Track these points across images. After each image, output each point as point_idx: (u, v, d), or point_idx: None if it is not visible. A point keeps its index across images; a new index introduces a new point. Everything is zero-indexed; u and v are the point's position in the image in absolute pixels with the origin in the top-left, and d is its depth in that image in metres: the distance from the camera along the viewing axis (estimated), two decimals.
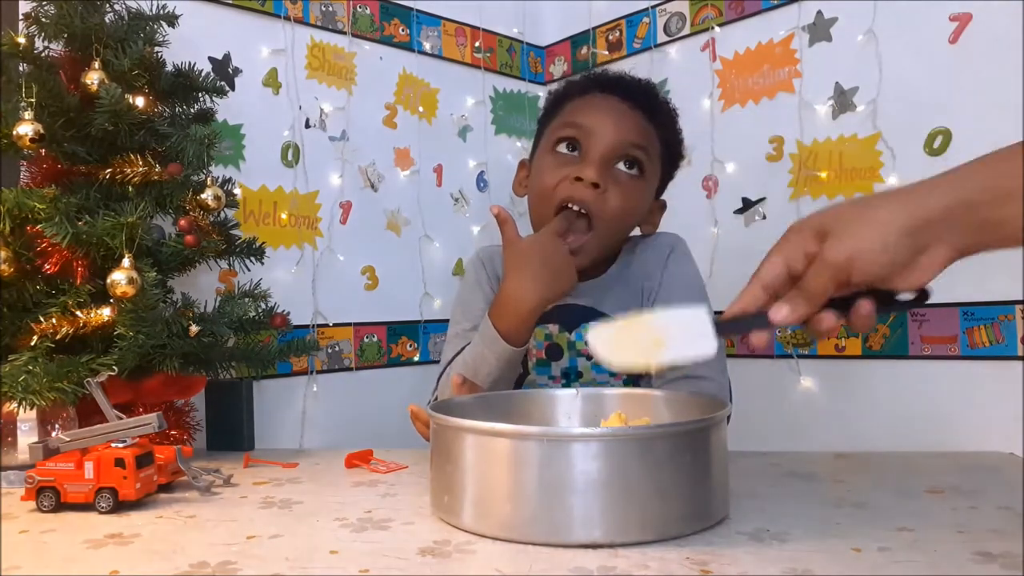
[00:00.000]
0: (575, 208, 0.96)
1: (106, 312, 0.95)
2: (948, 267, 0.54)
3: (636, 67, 1.71)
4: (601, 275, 1.05)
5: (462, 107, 1.75)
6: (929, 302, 0.58)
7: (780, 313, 0.56)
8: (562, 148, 1.00)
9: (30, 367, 0.89)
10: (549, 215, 0.98)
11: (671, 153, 1.06)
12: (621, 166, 0.98)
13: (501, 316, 0.92)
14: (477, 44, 1.78)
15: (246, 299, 1.12)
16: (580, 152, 0.99)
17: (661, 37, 1.67)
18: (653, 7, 1.68)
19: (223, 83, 1.21)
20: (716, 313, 0.63)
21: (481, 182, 1.78)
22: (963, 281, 1.24)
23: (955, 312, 1.25)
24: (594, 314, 1.02)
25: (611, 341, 0.65)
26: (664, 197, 1.13)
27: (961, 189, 0.52)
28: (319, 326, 1.48)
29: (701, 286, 1.04)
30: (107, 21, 1.06)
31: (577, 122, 1.00)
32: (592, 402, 0.85)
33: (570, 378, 1.04)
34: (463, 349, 0.98)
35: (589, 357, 1.02)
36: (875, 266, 0.53)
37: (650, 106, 1.02)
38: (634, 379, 1.01)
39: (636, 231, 1.10)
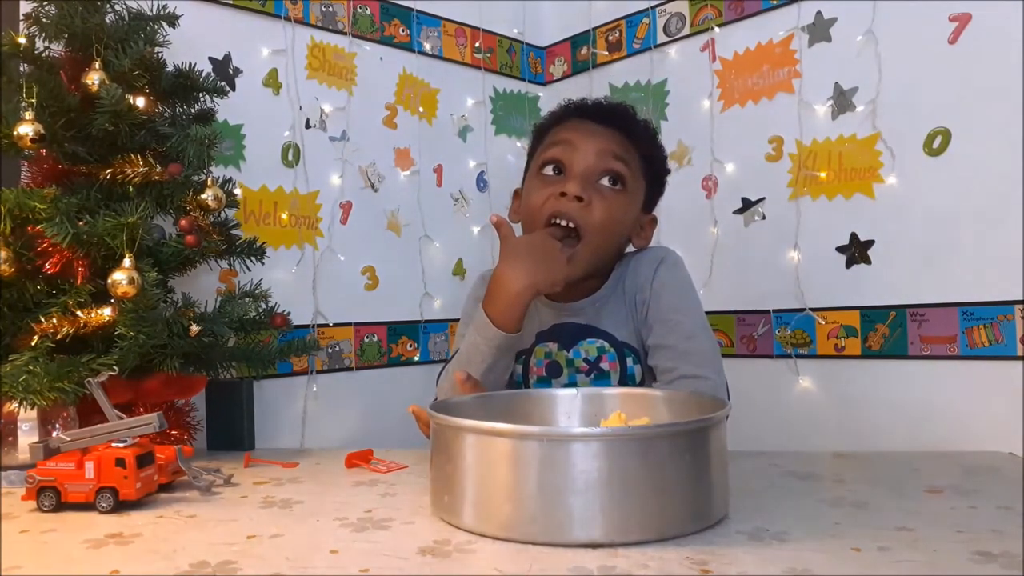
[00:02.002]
0: (562, 223, 0.99)
1: (107, 312, 0.95)
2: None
3: (636, 67, 1.72)
4: (596, 292, 1.07)
5: (462, 107, 1.75)
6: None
7: None
8: (547, 171, 1.04)
9: (31, 367, 0.89)
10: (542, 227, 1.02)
11: (653, 169, 1.08)
12: (604, 181, 1.02)
13: (491, 301, 0.95)
14: (477, 44, 1.78)
15: (246, 299, 1.13)
16: (564, 172, 1.03)
17: (661, 37, 1.67)
18: (653, 7, 1.68)
19: (223, 83, 1.21)
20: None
21: (481, 182, 1.78)
22: (962, 281, 1.24)
23: (954, 312, 1.25)
24: (592, 331, 1.05)
25: None
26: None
27: None
28: (319, 326, 1.48)
29: (692, 291, 1.05)
30: (107, 21, 1.06)
31: (558, 142, 1.04)
32: (592, 402, 0.85)
33: None
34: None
35: (588, 373, 1.04)
36: None
37: (627, 126, 1.05)
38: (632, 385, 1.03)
39: (631, 249, 1.11)
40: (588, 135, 1.03)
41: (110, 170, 1.02)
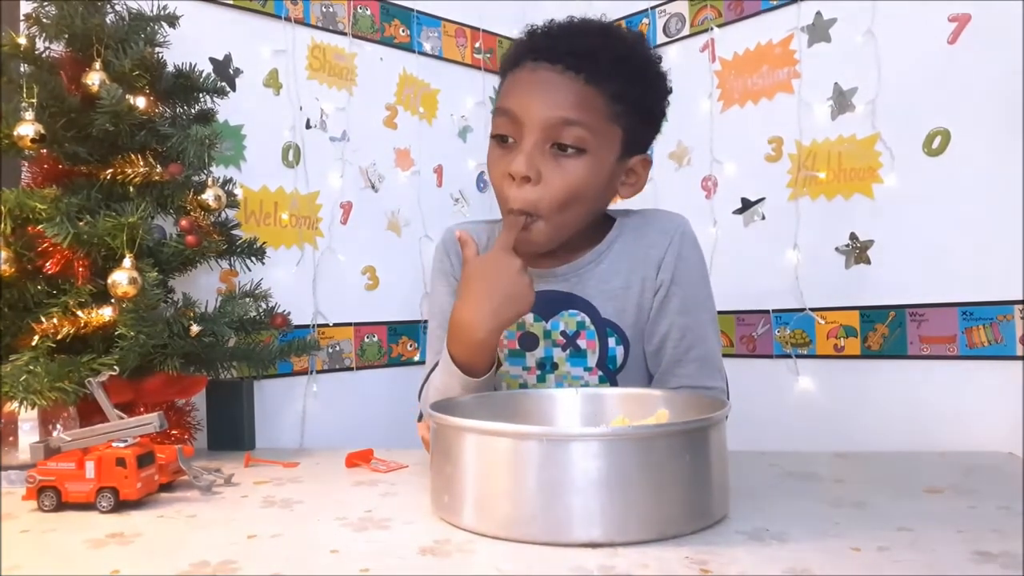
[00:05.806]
0: (519, 214, 0.89)
1: (107, 312, 0.95)
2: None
3: None
4: (580, 256, 0.97)
5: (462, 108, 1.75)
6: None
7: None
8: (499, 135, 0.92)
9: (31, 367, 0.89)
10: (504, 214, 0.93)
11: (635, 106, 0.91)
12: (556, 148, 0.88)
13: (455, 343, 0.88)
14: (477, 45, 1.78)
15: (247, 299, 1.13)
16: (514, 139, 0.90)
17: (661, 38, 1.68)
18: (653, 8, 1.69)
19: (224, 83, 1.21)
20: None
21: (481, 182, 1.78)
22: (962, 281, 1.24)
23: (954, 312, 1.25)
24: (574, 301, 0.96)
25: None
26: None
27: None
28: (319, 326, 1.48)
29: (707, 273, 0.99)
30: (108, 22, 1.06)
31: (505, 108, 0.90)
32: (592, 402, 0.86)
33: (545, 369, 0.99)
34: (436, 365, 0.94)
35: (565, 347, 0.97)
36: None
37: (591, 66, 0.87)
38: (610, 374, 0.97)
39: (626, 206, 1.03)
40: (535, 94, 0.88)
41: (110, 170, 1.02)
